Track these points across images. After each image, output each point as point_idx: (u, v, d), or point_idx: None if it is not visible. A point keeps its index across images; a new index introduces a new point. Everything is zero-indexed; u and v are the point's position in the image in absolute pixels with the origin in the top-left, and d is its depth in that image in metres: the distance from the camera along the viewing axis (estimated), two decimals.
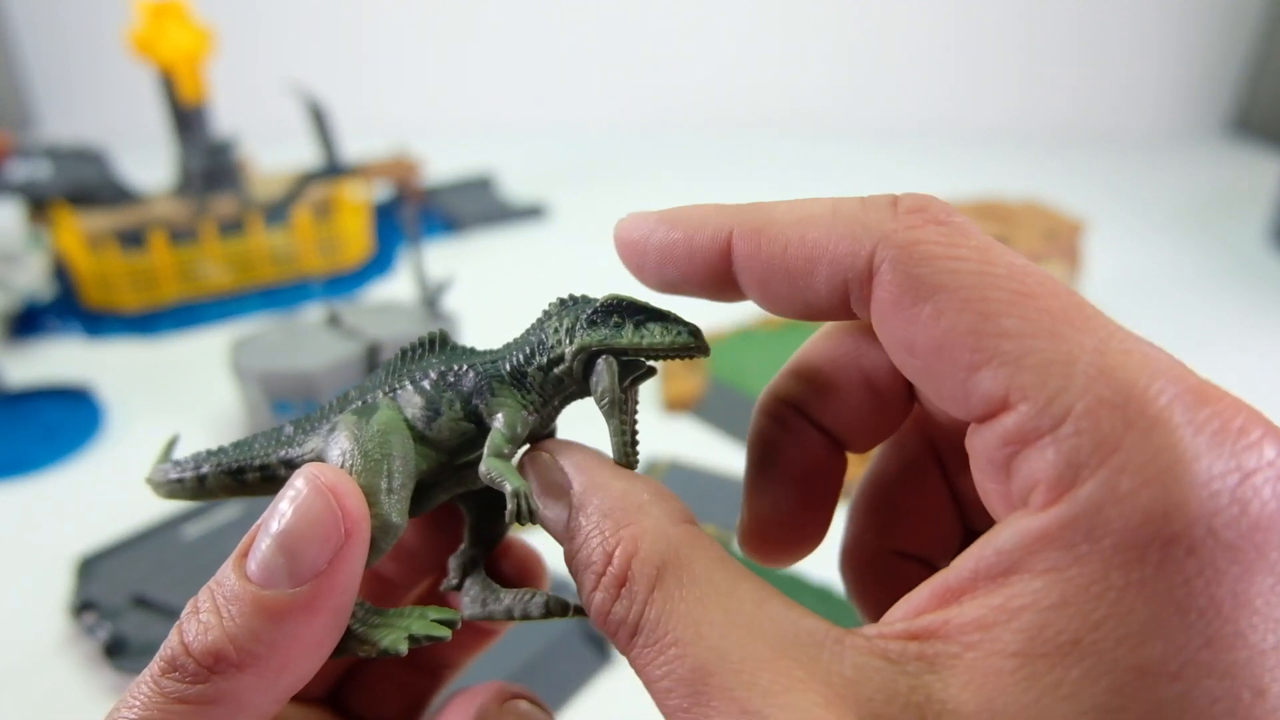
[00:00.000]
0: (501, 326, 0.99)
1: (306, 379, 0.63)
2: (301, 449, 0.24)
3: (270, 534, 0.18)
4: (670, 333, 0.22)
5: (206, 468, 0.25)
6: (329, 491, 0.19)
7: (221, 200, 0.91)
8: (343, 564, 0.19)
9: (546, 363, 0.22)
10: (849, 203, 0.19)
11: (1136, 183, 1.35)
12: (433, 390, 0.23)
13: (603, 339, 0.21)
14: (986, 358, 0.16)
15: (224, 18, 0.99)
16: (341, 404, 0.24)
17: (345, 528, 0.19)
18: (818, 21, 1.58)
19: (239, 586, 0.18)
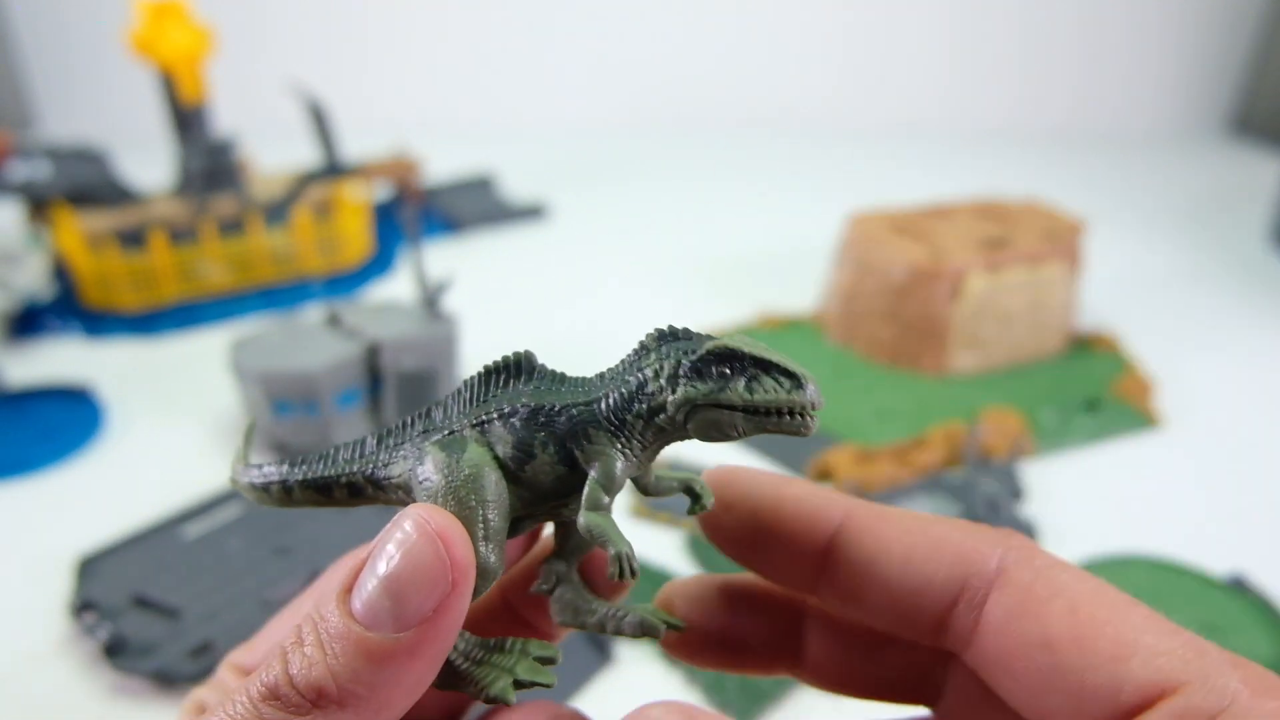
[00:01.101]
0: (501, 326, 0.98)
1: (306, 379, 0.63)
2: (388, 471, 0.23)
3: (377, 575, 0.18)
4: (783, 388, 0.20)
5: (294, 478, 0.24)
6: (438, 538, 0.19)
7: (221, 200, 0.91)
8: (447, 611, 0.18)
9: (647, 410, 0.21)
10: (970, 522, 0.22)
11: (1136, 183, 1.35)
12: (524, 430, 0.21)
13: (709, 393, 0.20)
14: (1132, 650, 0.17)
15: (224, 18, 0.99)
16: (424, 424, 0.23)
17: (452, 576, 0.18)
18: (818, 21, 1.58)
19: (343, 625, 0.18)
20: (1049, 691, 0.18)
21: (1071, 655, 0.18)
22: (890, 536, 0.21)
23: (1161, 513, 0.63)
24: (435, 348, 0.66)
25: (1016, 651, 0.19)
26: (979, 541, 0.20)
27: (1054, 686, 0.18)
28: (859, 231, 0.82)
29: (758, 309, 0.89)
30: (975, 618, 0.20)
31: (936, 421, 0.70)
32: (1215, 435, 0.72)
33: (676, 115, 1.60)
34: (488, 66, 1.59)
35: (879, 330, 0.79)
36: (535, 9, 1.55)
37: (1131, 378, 0.77)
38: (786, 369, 0.20)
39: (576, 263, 1.03)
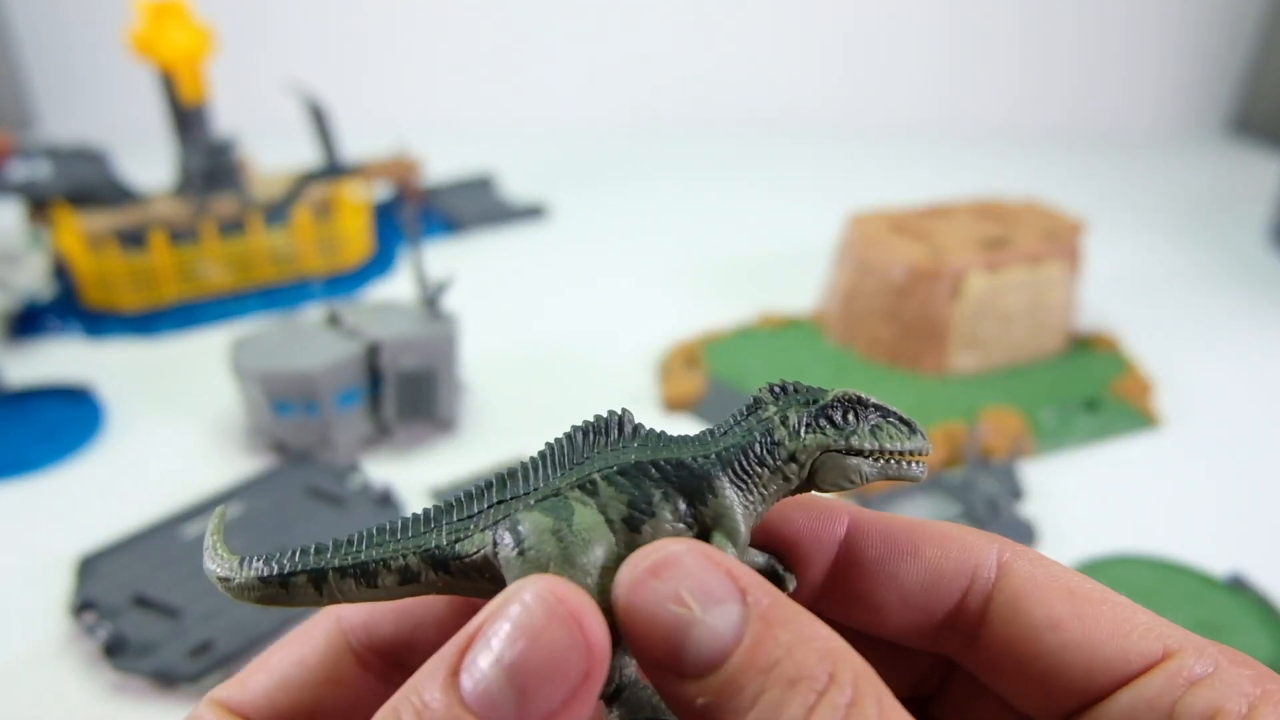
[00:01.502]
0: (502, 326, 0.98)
1: (306, 379, 0.63)
2: (460, 548, 0.20)
3: (496, 659, 0.16)
4: (903, 434, 0.20)
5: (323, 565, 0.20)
6: (572, 619, 0.16)
7: (221, 200, 0.91)
8: (580, 706, 0.16)
9: (775, 460, 0.20)
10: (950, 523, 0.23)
11: (1136, 183, 1.35)
12: (639, 487, 0.19)
13: (845, 437, 0.20)
14: (1130, 627, 0.19)
15: (224, 18, 0.99)
16: (500, 493, 0.20)
17: (587, 664, 0.16)
18: (818, 21, 1.58)
19: (453, 714, 0.16)
20: (1059, 670, 0.19)
21: (1077, 632, 0.19)
22: (898, 535, 0.21)
23: (1161, 513, 0.63)
24: (435, 348, 0.66)
25: (1025, 635, 0.20)
26: (976, 537, 0.21)
27: (1064, 663, 0.19)
28: (859, 231, 0.82)
29: (758, 309, 0.89)
30: (983, 606, 0.21)
31: (936, 421, 0.70)
32: (1215, 435, 0.72)
33: (676, 115, 1.60)
34: (488, 66, 1.59)
35: (879, 330, 0.79)
36: (535, 9, 1.55)
37: (1131, 377, 0.77)
38: (902, 416, 0.21)
39: (577, 263, 1.03)
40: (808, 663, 0.16)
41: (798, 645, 0.16)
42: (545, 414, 0.73)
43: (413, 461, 0.67)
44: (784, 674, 0.16)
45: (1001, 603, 0.20)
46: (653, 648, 0.17)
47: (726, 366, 0.78)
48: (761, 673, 0.16)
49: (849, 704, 0.16)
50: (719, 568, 0.17)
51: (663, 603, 0.17)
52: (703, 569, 0.17)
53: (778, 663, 0.16)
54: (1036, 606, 0.20)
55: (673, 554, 0.17)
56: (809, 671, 0.16)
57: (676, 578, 0.17)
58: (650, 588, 0.17)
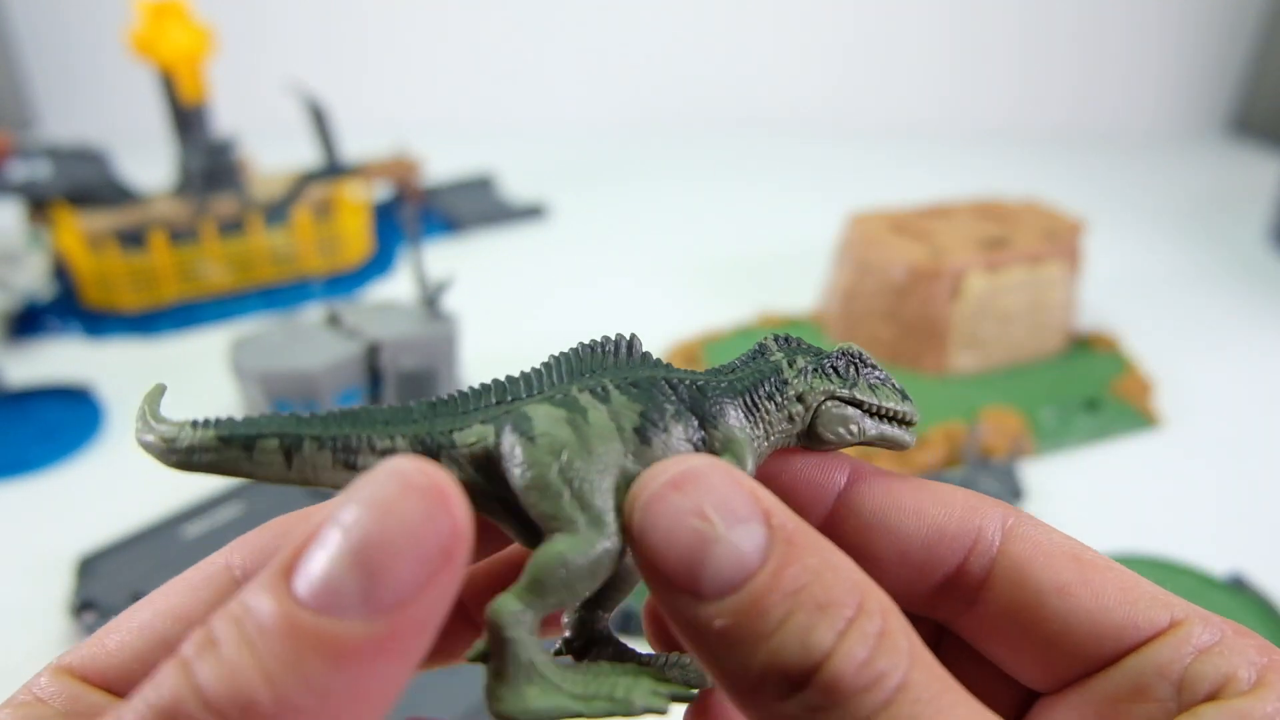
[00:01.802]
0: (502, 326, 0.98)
1: (306, 379, 0.63)
2: (460, 435, 0.18)
3: (341, 541, 0.14)
4: (898, 397, 0.21)
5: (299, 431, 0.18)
6: (433, 491, 0.14)
7: (221, 200, 0.91)
8: (439, 590, 0.14)
9: (783, 398, 0.20)
10: None
11: (1136, 183, 1.35)
12: (654, 400, 0.19)
13: (849, 386, 0.20)
14: (1136, 595, 0.19)
15: (224, 18, 0.99)
16: (500, 394, 0.19)
17: (449, 543, 0.14)
18: (818, 21, 1.58)
19: (283, 613, 0.13)
20: (1064, 636, 0.19)
21: (1085, 599, 0.19)
22: (900, 491, 0.21)
23: (1161, 512, 0.63)
24: (435, 347, 0.66)
25: (1031, 600, 0.20)
26: (981, 500, 0.21)
27: (1070, 629, 0.19)
28: (859, 231, 0.82)
29: (758, 309, 0.89)
30: (985, 570, 0.20)
31: (936, 421, 0.70)
32: (1215, 435, 0.72)
33: (677, 115, 1.60)
34: (488, 66, 1.59)
35: (879, 330, 0.79)
36: (535, 9, 1.55)
37: (1131, 377, 0.77)
38: (895, 382, 0.21)
39: (576, 263, 1.03)
40: (836, 589, 0.15)
41: (825, 571, 0.16)
42: None
43: None
44: (812, 598, 0.15)
45: (1006, 566, 0.20)
46: (669, 565, 0.16)
47: None
48: (788, 595, 0.15)
49: (879, 634, 0.15)
50: (742, 486, 0.16)
51: (683, 517, 0.16)
52: (727, 486, 0.16)
53: (805, 587, 0.15)
54: (1043, 572, 0.20)
55: (696, 468, 0.16)
56: (838, 598, 0.15)
57: (700, 492, 0.16)
58: (670, 501, 0.16)
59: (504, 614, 0.16)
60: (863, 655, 0.15)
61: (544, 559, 0.17)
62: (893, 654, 0.15)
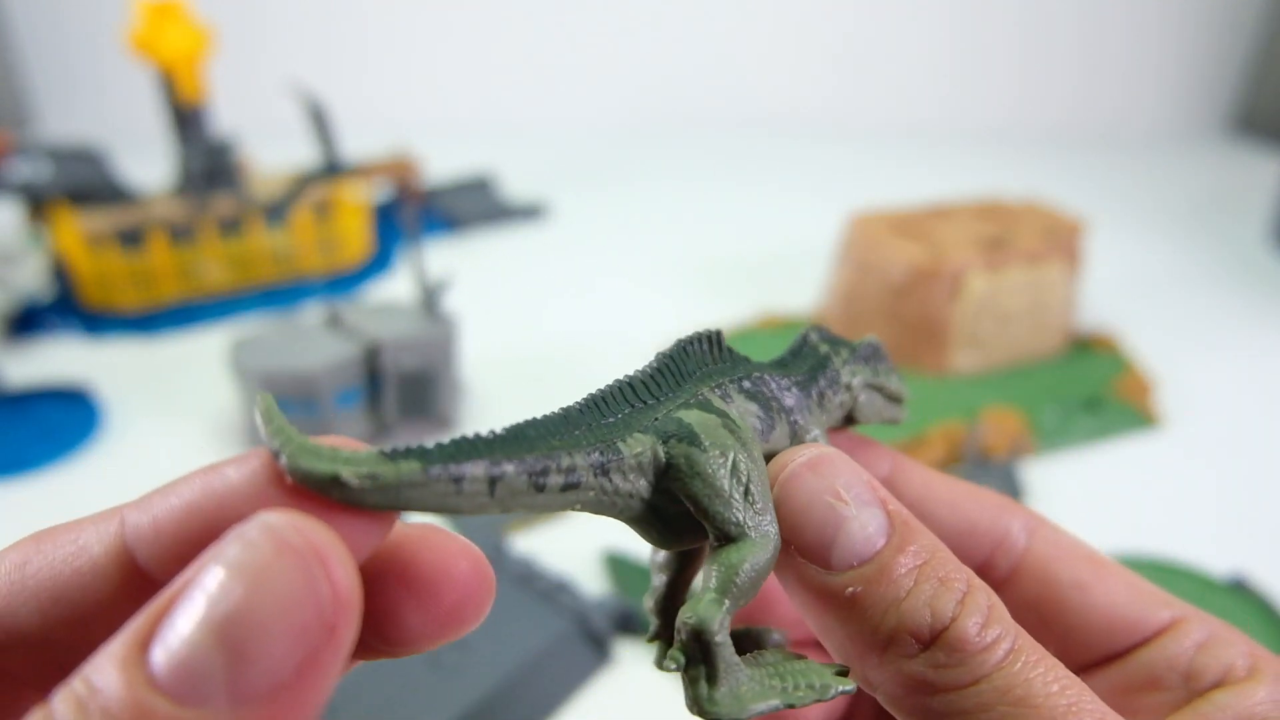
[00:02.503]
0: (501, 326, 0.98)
1: (306, 379, 0.63)
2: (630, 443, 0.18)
3: (203, 617, 0.11)
4: (900, 381, 0.24)
5: (501, 468, 0.16)
6: (313, 554, 0.12)
7: (221, 200, 0.91)
8: (320, 671, 0.12)
9: (836, 389, 0.22)
10: None
11: (1137, 183, 1.35)
12: (762, 400, 0.20)
13: (876, 375, 0.23)
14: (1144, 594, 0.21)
15: (224, 18, 0.99)
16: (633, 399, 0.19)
17: (332, 613, 0.12)
18: (818, 21, 1.58)
19: (135, 700, 0.11)
20: (1081, 628, 0.21)
21: (1100, 595, 0.21)
22: (937, 485, 0.23)
23: (1161, 513, 0.63)
24: (435, 348, 0.66)
25: (1053, 594, 0.22)
26: (1008, 500, 0.23)
27: (1087, 622, 0.21)
28: (859, 231, 0.81)
29: (758, 309, 0.89)
30: (1011, 565, 0.22)
31: (936, 421, 0.70)
32: (1215, 435, 0.72)
33: (676, 115, 1.60)
34: (488, 66, 1.59)
35: (879, 330, 0.79)
36: (535, 9, 1.55)
37: (1131, 377, 0.77)
38: (892, 365, 0.24)
39: (576, 263, 1.03)
40: (950, 567, 0.18)
41: (938, 551, 0.18)
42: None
43: None
44: (934, 571, 0.18)
45: (1031, 563, 0.22)
46: (806, 537, 0.18)
47: None
48: (913, 570, 0.18)
49: (989, 606, 0.17)
50: (864, 475, 0.19)
51: (820, 495, 0.18)
52: (853, 473, 0.18)
53: (926, 563, 0.18)
54: (1064, 570, 0.22)
55: (828, 453, 0.19)
56: (953, 575, 0.18)
57: (834, 474, 0.18)
58: (808, 480, 0.18)
59: (710, 621, 0.17)
60: (980, 621, 0.17)
61: (734, 562, 0.17)
62: (1004, 623, 0.17)
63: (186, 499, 0.15)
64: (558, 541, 0.58)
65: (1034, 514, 0.23)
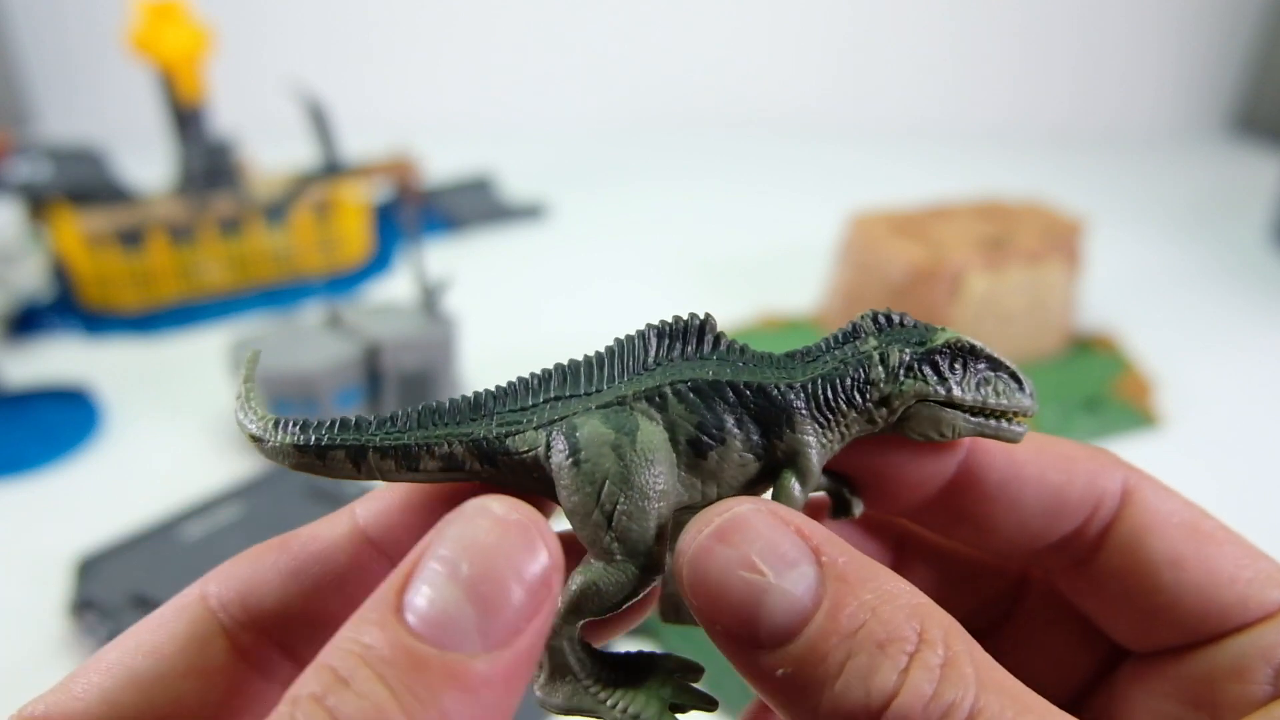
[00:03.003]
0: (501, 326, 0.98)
1: (306, 379, 0.63)
2: (513, 442, 0.18)
3: (450, 577, 0.14)
4: (1013, 391, 0.19)
5: (361, 441, 0.19)
6: (529, 527, 0.15)
7: (221, 200, 0.91)
8: (543, 619, 0.15)
9: (866, 401, 0.18)
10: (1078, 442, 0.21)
11: (1137, 182, 1.35)
12: (712, 410, 0.18)
13: (949, 389, 0.18)
14: (1251, 573, 0.19)
15: (224, 18, 0.99)
16: (561, 389, 0.19)
17: (547, 573, 0.15)
18: (818, 20, 1.58)
19: (405, 647, 0.14)
20: (1172, 607, 0.19)
21: (1198, 573, 0.19)
22: (1022, 459, 0.20)
23: None
24: (435, 347, 0.66)
25: (1143, 569, 0.19)
26: (1104, 461, 0.20)
27: (1179, 602, 0.19)
28: (859, 231, 0.81)
29: (758, 309, 0.89)
30: (1102, 534, 0.20)
31: None
32: (1215, 435, 0.72)
33: (676, 115, 1.60)
34: (488, 66, 1.59)
35: None
36: (535, 9, 1.55)
37: (1131, 377, 0.77)
38: (1014, 370, 0.19)
39: (576, 263, 1.03)
40: (895, 622, 0.15)
41: (882, 604, 0.15)
42: None
43: None
44: (871, 636, 0.15)
45: (1123, 533, 0.20)
46: (724, 618, 0.16)
47: None
48: (846, 637, 0.15)
49: (943, 664, 0.15)
50: (789, 526, 0.16)
51: (732, 570, 0.16)
52: (772, 529, 0.16)
53: (863, 625, 0.15)
54: (1159, 542, 0.19)
55: (739, 515, 0.16)
56: (897, 632, 0.15)
57: (745, 541, 0.16)
58: (717, 554, 0.16)
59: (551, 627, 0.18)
60: (929, 690, 0.14)
61: (580, 582, 0.18)
62: (959, 683, 0.15)
63: (409, 489, 0.19)
64: None
65: (1136, 472, 0.20)
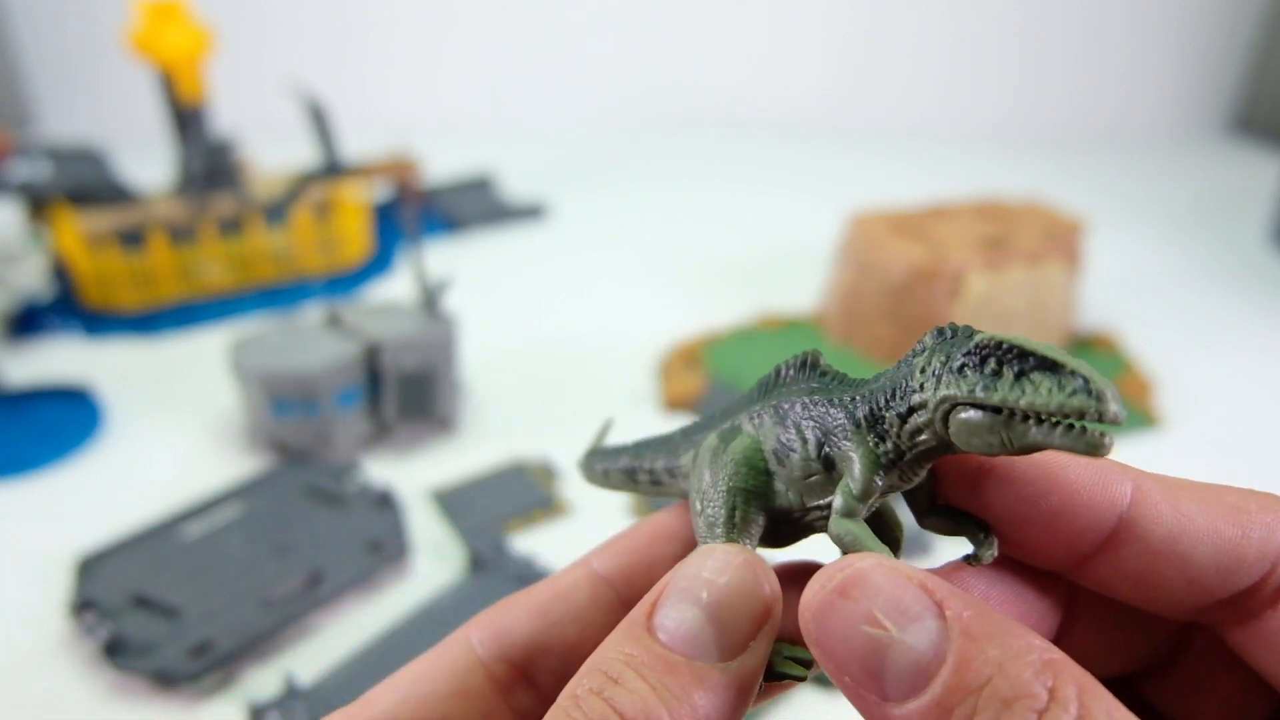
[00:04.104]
0: (501, 327, 0.98)
1: (306, 379, 0.63)
2: (680, 460, 0.23)
3: (694, 602, 0.18)
4: (1064, 391, 0.16)
5: (612, 466, 0.26)
6: (756, 565, 0.18)
7: (221, 200, 0.91)
8: (767, 638, 0.18)
9: (906, 409, 0.18)
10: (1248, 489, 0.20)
11: (1136, 182, 1.35)
12: (790, 423, 0.20)
13: (972, 389, 0.17)
14: None
15: (224, 18, 0.99)
16: (723, 419, 0.22)
17: (770, 602, 0.18)
18: (818, 20, 1.58)
19: (661, 655, 0.17)
20: None
21: None
22: (1191, 509, 0.19)
23: None
24: (435, 348, 0.66)
25: None
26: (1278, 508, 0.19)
27: None
28: (859, 231, 0.81)
29: (758, 309, 0.89)
30: (1272, 599, 0.18)
31: None
32: (1216, 435, 0.72)
33: (676, 115, 1.60)
34: (488, 66, 1.59)
35: (879, 330, 0.79)
36: (535, 9, 1.55)
37: (1131, 377, 0.77)
38: (1069, 368, 0.16)
39: (576, 263, 1.03)
40: (1023, 679, 0.15)
41: (1010, 660, 0.15)
42: (545, 414, 0.73)
43: (413, 461, 0.67)
44: (998, 693, 0.15)
45: None
46: (850, 671, 0.16)
47: (726, 367, 0.78)
48: (972, 693, 0.15)
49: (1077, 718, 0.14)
50: (911, 581, 0.16)
51: (855, 624, 0.16)
52: (893, 584, 0.16)
53: (989, 681, 0.15)
54: None
55: (860, 571, 0.16)
56: (1026, 689, 0.14)
57: (867, 596, 0.16)
58: (840, 610, 0.16)
59: None
60: None
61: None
62: None
63: (635, 541, 0.23)
64: (557, 540, 0.59)
65: None
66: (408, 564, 0.57)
